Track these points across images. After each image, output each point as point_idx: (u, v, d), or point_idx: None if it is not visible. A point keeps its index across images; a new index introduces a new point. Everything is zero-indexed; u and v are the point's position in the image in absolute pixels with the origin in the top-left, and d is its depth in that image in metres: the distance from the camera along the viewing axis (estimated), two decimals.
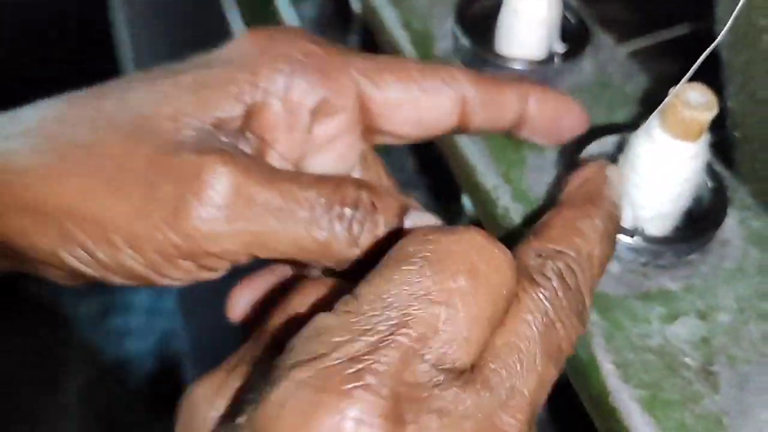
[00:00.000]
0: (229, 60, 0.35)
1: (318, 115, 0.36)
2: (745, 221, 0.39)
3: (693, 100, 0.33)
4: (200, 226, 0.31)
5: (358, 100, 0.36)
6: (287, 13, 0.84)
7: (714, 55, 0.41)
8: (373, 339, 0.24)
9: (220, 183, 0.31)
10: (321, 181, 0.33)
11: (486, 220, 0.41)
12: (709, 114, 0.33)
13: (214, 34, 1.17)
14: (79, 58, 1.25)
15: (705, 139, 0.35)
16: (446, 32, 0.48)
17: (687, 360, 0.33)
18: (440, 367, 0.25)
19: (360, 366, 0.24)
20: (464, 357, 0.25)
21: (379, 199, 0.33)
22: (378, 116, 0.37)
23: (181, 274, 0.32)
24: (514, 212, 0.39)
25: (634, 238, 0.36)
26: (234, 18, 1.04)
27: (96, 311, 1.46)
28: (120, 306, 1.62)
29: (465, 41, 0.45)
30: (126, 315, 1.47)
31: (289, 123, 0.35)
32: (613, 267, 0.36)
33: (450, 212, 0.52)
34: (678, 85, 0.33)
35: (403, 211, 0.33)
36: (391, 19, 0.49)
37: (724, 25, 0.45)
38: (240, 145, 0.34)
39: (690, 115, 0.33)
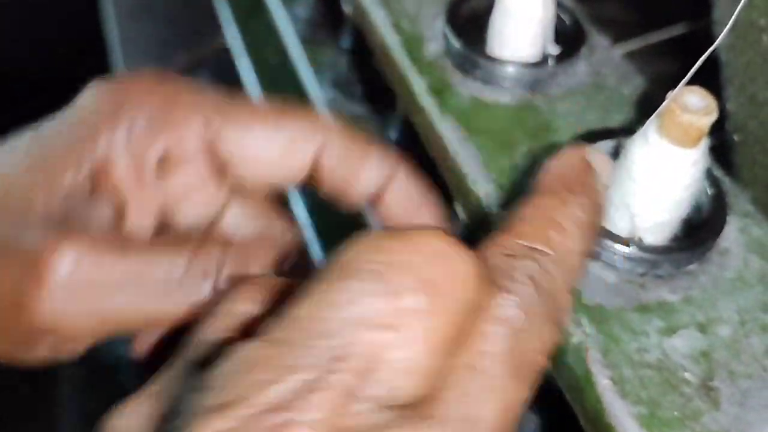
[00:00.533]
0: (72, 121, 0.33)
1: (166, 166, 0.34)
2: (746, 229, 0.37)
3: (692, 105, 0.32)
4: (44, 312, 0.29)
5: (205, 148, 0.34)
6: (278, 14, 0.83)
7: (712, 56, 0.40)
8: (304, 378, 0.21)
9: (62, 264, 0.29)
10: (177, 248, 0.31)
11: (476, 228, 0.39)
12: (708, 119, 0.32)
13: (205, 35, 1.15)
14: (71, 58, 1.24)
15: (704, 144, 0.33)
16: (437, 33, 0.46)
17: (686, 375, 0.32)
18: (385, 404, 0.21)
19: (288, 415, 0.20)
20: (413, 390, 0.22)
21: (248, 260, 0.31)
22: (229, 163, 0.35)
23: (43, 355, 0.31)
24: None
25: (631, 247, 0.34)
26: (226, 19, 1.02)
27: None
28: None
29: (456, 43, 0.44)
30: None
31: (137, 179, 0.33)
32: (610, 278, 0.35)
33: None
34: (676, 89, 0.32)
35: (285, 259, 0.32)
36: (380, 20, 0.48)
37: (723, 26, 0.43)
38: (94, 212, 0.32)
39: (689, 120, 0.32)
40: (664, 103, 0.32)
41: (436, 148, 0.42)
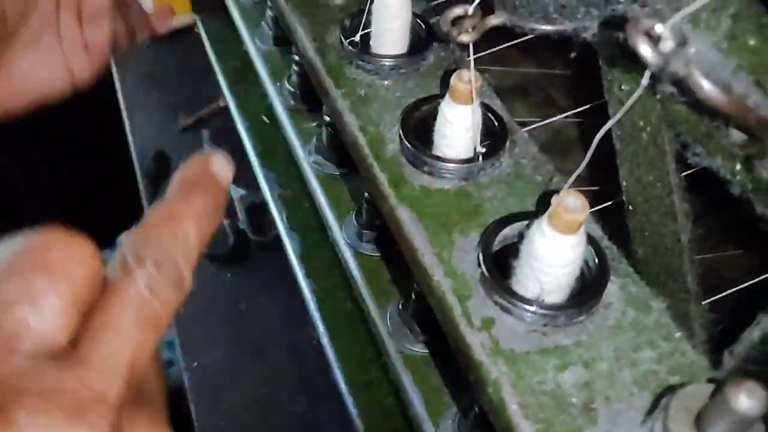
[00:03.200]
0: None
1: None
2: (625, 287, 0.47)
3: (571, 205, 0.41)
4: None
5: None
6: (269, 87, 0.92)
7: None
8: None
9: None
10: None
11: (425, 289, 0.49)
12: (583, 215, 0.42)
13: (205, 98, 1.25)
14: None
15: (583, 230, 0.43)
16: (394, 136, 0.56)
17: (573, 400, 0.41)
18: (38, 355, 0.26)
19: None
20: (57, 340, 0.27)
21: None
22: None
23: None
24: (445, 285, 0.47)
25: (535, 306, 0.44)
26: (223, 86, 1.11)
27: None
28: None
29: (408, 144, 0.54)
30: None
31: None
32: (520, 328, 0.44)
33: None
34: (560, 193, 0.42)
35: None
36: (351, 123, 0.57)
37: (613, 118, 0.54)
38: None
39: (571, 218, 0.41)
40: (551, 206, 0.42)
41: (395, 228, 0.52)
